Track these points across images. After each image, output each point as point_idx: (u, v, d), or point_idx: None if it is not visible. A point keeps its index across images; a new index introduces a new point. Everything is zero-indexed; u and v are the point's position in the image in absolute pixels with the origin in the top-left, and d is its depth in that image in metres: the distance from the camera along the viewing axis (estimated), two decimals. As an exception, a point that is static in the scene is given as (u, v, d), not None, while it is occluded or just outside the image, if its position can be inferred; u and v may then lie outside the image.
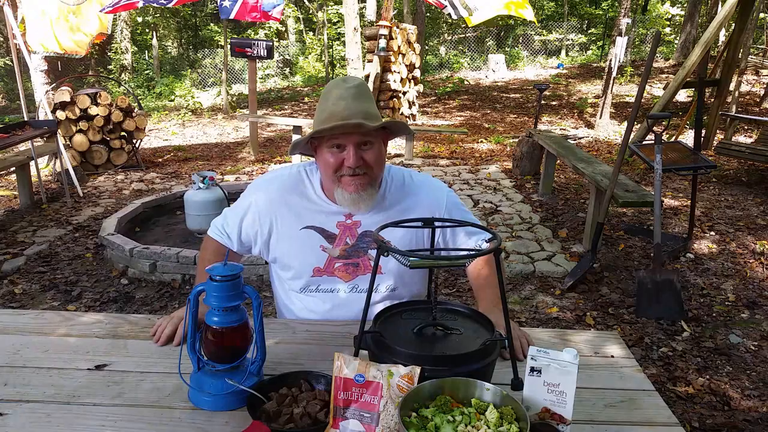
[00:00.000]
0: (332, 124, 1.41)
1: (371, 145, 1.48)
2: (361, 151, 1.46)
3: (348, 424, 1.07)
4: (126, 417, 1.16)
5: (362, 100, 1.45)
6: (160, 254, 3.88)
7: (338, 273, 1.61)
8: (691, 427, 2.41)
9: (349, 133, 1.43)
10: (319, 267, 1.60)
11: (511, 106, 12.62)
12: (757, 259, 4.23)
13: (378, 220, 1.53)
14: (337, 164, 1.47)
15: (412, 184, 1.64)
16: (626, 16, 9.51)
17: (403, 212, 1.59)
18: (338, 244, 1.59)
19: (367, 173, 1.49)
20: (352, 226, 1.59)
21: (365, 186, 1.49)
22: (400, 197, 1.61)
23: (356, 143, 1.45)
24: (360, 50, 10.58)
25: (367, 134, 1.45)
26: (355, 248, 1.59)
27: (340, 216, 1.59)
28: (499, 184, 6.36)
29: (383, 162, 1.55)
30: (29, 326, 1.54)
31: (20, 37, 6.07)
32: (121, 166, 7.24)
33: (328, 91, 1.50)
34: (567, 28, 19.58)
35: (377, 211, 1.59)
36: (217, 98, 15.26)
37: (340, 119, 1.41)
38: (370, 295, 1.20)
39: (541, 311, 3.48)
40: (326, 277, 1.61)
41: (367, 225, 1.59)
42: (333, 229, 1.59)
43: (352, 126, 1.40)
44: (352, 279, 1.61)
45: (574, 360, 1.07)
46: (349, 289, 1.61)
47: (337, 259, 1.60)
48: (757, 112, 9.96)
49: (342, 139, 1.45)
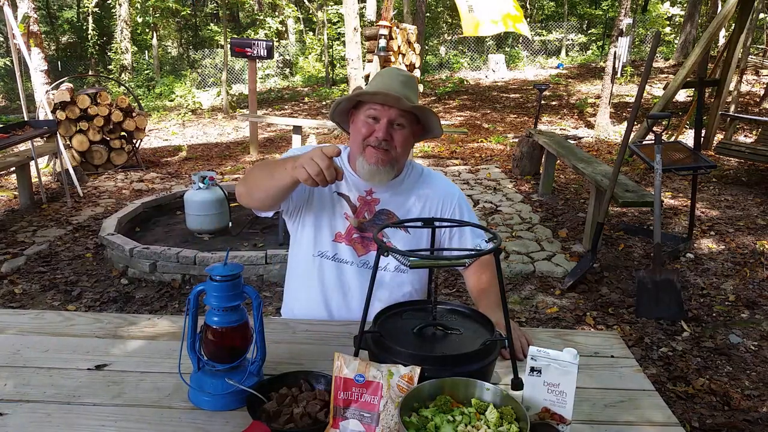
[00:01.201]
0: (376, 90, 1.53)
1: (402, 128, 1.58)
2: (392, 129, 1.56)
3: (348, 424, 1.07)
4: (126, 417, 1.16)
5: (408, 88, 1.58)
6: (160, 254, 3.88)
7: (354, 244, 1.67)
8: (691, 427, 2.41)
9: (388, 108, 1.55)
10: (341, 233, 1.67)
11: (511, 106, 12.62)
12: (757, 259, 4.23)
13: (396, 200, 1.68)
14: (367, 133, 1.57)
15: (429, 176, 1.77)
16: (626, 16, 9.50)
17: (419, 198, 1.70)
18: (358, 215, 1.67)
19: (390, 151, 1.58)
20: (372, 202, 1.67)
21: (385, 162, 1.58)
22: (417, 184, 1.72)
23: (390, 119, 1.55)
24: (360, 50, 10.57)
25: (401, 115, 1.56)
26: (371, 223, 1.66)
27: (361, 190, 1.67)
28: (499, 184, 6.36)
29: (408, 148, 1.64)
30: (29, 326, 1.54)
31: (20, 37, 6.07)
32: (121, 166, 7.24)
33: (383, 72, 1.64)
34: (567, 28, 19.57)
35: (396, 193, 1.69)
36: (217, 98, 15.25)
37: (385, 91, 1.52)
38: (369, 296, 1.19)
39: (541, 311, 3.48)
40: (344, 246, 1.67)
41: (385, 203, 1.68)
42: (355, 201, 1.68)
43: (392, 98, 1.51)
44: (366, 253, 1.67)
45: (574, 360, 1.07)
46: (360, 263, 1.67)
47: (356, 230, 1.66)
48: (757, 112, 9.96)
49: (380, 111, 1.55)
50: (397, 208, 1.68)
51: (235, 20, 22.87)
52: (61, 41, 22.14)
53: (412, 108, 1.54)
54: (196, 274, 3.83)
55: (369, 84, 1.62)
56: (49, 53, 16.11)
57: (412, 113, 1.58)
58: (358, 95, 1.57)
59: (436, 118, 1.62)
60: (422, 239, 1.66)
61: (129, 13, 17.63)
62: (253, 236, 4.55)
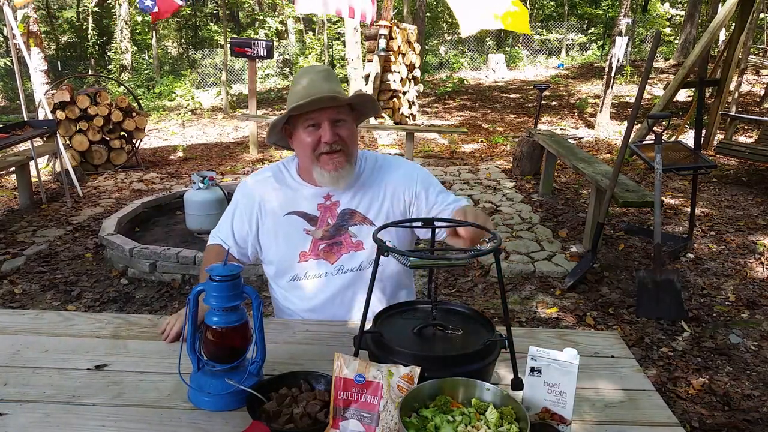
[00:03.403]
0: (308, 99, 1.47)
1: (344, 123, 1.56)
2: (335, 127, 1.54)
3: (348, 425, 1.07)
4: (126, 417, 1.16)
5: (331, 82, 1.54)
6: (160, 254, 3.88)
7: (323, 254, 1.64)
8: (691, 427, 2.41)
9: (324, 110, 1.51)
10: (305, 251, 1.64)
11: (511, 106, 12.61)
12: (757, 259, 4.23)
13: (357, 198, 1.64)
14: (314, 142, 1.54)
15: (384, 162, 1.73)
16: (626, 16, 9.50)
17: (379, 188, 1.66)
18: (320, 225, 1.64)
19: (343, 150, 1.56)
20: (332, 206, 1.65)
21: (343, 163, 1.56)
22: (375, 175, 1.69)
23: (331, 120, 1.53)
24: (360, 50, 10.57)
25: (339, 111, 1.54)
26: (337, 227, 1.64)
27: (319, 198, 1.65)
28: (499, 184, 6.36)
29: (356, 139, 1.63)
30: (29, 326, 1.54)
31: (20, 37, 6.07)
32: (120, 166, 7.24)
33: (299, 77, 1.58)
34: (567, 28, 19.57)
35: (355, 190, 1.65)
36: (217, 98, 15.24)
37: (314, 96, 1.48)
38: (369, 295, 1.19)
39: (541, 311, 3.48)
40: (312, 261, 1.64)
41: (346, 203, 1.65)
42: (314, 212, 1.65)
43: (326, 99, 1.48)
44: (337, 259, 1.64)
45: (574, 360, 1.07)
46: (335, 271, 1.64)
47: (321, 240, 1.64)
48: (757, 112, 9.96)
49: (317, 116, 1.52)
50: (358, 205, 1.65)
51: (235, 20, 22.86)
52: (61, 41, 22.12)
53: (348, 101, 1.54)
54: (196, 274, 3.82)
55: (292, 93, 1.56)
56: (49, 53, 16.11)
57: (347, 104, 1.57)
58: (292, 111, 1.51)
59: (370, 98, 1.62)
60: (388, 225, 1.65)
61: (129, 13, 17.62)
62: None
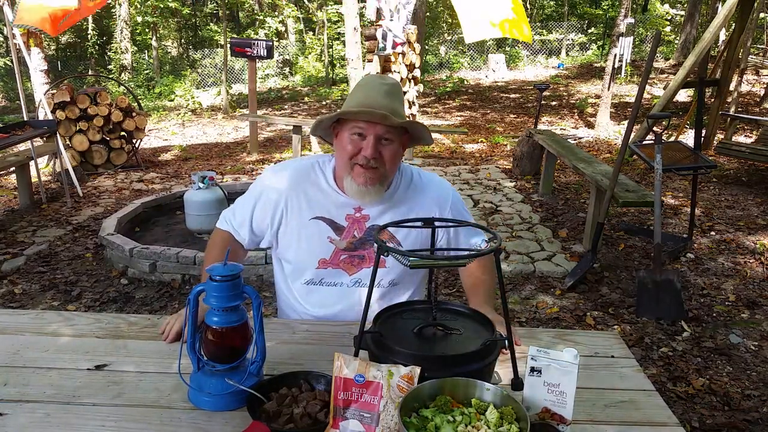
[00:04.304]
0: (360, 109, 1.44)
1: (390, 143, 1.50)
2: (380, 145, 1.48)
3: (348, 425, 1.07)
4: (126, 417, 1.16)
5: (393, 98, 1.49)
6: (159, 254, 3.88)
7: (343, 265, 1.61)
8: (691, 427, 2.41)
9: (374, 124, 1.46)
10: (325, 259, 1.60)
11: (511, 106, 12.61)
12: (757, 259, 4.23)
13: (387, 215, 1.59)
14: (354, 151, 1.49)
15: (420, 182, 1.67)
16: (626, 16, 9.50)
17: (411, 209, 1.61)
18: (346, 236, 1.59)
19: (379, 168, 1.50)
20: (361, 219, 1.60)
21: (374, 181, 1.50)
22: (409, 194, 1.63)
23: (377, 135, 1.47)
24: (360, 50, 10.56)
25: (388, 130, 1.48)
26: (362, 241, 1.60)
27: (349, 208, 1.59)
28: (499, 184, 6.36)
29: (397, 162, 1.56)
30: (29, 326, 1.54)
31: (20, 37, 6.07)
32: (120, 166, 7.24)
33: (365, 83, 1.54)
34: (567, 28, 19.56)
35: (387, 207, 1.60)
36: (217, 98, 15.25)
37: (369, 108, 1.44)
38: (369, 295, 1.19)
39: (542, 311, 3.48)
40: (331, 270, 1.61)
41: (375, 219, 1.60)
42: (342, 222, 1.60)
43: (378, 116, 1.43)
44: (357, 272, 1.61)
45: (574, 360, 1.07)
46: (352, 283, 1.61)
47: (343, 251, 1.60)
48: (757, 112, 9.96)
49: (365, 128, 1.47)
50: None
51: (235, 20, 22.85)
52: (61, 41, 22.12)
53: (399, 124, 1.47)
54: (196, 274, 3.82)
55: (350, 97, 1.53)
56: (49, 53, 16.09)
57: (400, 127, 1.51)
58: (341, 114, 1.48)
59: (425, 128, 1.54)
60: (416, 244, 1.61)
61: (129, 13, 17.62)
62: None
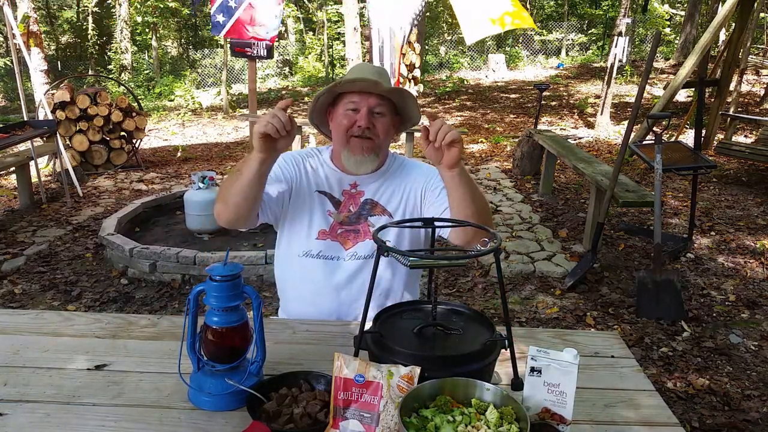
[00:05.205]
0: (353, 77, 1.58)
1: (382, 117, 1.62)
2: (373, 118, 1.61)
3: (348, 425, 1.07)
4: (126, 417, 1.16)
5: (382, 77, 1.62)
6: (159, 254, 3.88)
7: (340, 238, 1.69)
8: (691, 427, 2.41)
9: (366, 96, 1.59)
10: (325, 230, 1.69)
11: (511, 106, 12.61)
12: (757, 259, 4.23)
13: (380, 190, 1.71)
14: (349, 124, 1.61)
15: (409, 164, 1.81)
16: (626, 16, 9.50)
17: (400, 185, 1.73)
18: (342, 210, 1.70)
19: (374, 138, 1.62)
20: (356, 195, 1.71)
21: (370, 150, 1.63)
22: (399, 172, 1.76)
23: (369, 107, 1.59)
24: (360, 50, 10.56)
25: (380, 103, 1.60)
26: (357, 215, 1.70)
27: (345, 184, 1.71)
28: (499, 184, 6.36)
29: (390, 136, 1.68)
30: (29, 326, 1.54)
31: (20, 37, 6.06)
32: (120, 166, 7.24)
33: (355, 66, 1.70)
34: (567, 28, 19.56)
35: (379, 183, 1.72)
36: (217, 98, 15.24)
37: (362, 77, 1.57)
38: (369, 295, 1.19)
39: (541, 311, 3.48)
40: (329, 242, 1.68)
41: (370, 194, 1.71)
42: (339, 196, 1.71)
43: (371, 82, 1.55)
44: (353, 246, 1.69)
45: (574, 360, 1.07)
46: (348, 257, 1.68)
47: (340, 225, 1.69)
48: (757, 112, 9.96)
49: (358, 101, 1.60)
50: (380, 197, 1.71)
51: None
52: (61, 41, 22.12)
53: (390, 91, 1.59)
54: (196, 274, 3.82)
55: (344, 77, 1.67)
56: (49, 53, 16.11)
57: (390, 102, 1.63)
58: (336, 85, 1.60)
59: (414, 99, 1.65)
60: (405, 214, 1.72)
61: (129, 13, 17.61)
62: (253, 236, 4.55)
